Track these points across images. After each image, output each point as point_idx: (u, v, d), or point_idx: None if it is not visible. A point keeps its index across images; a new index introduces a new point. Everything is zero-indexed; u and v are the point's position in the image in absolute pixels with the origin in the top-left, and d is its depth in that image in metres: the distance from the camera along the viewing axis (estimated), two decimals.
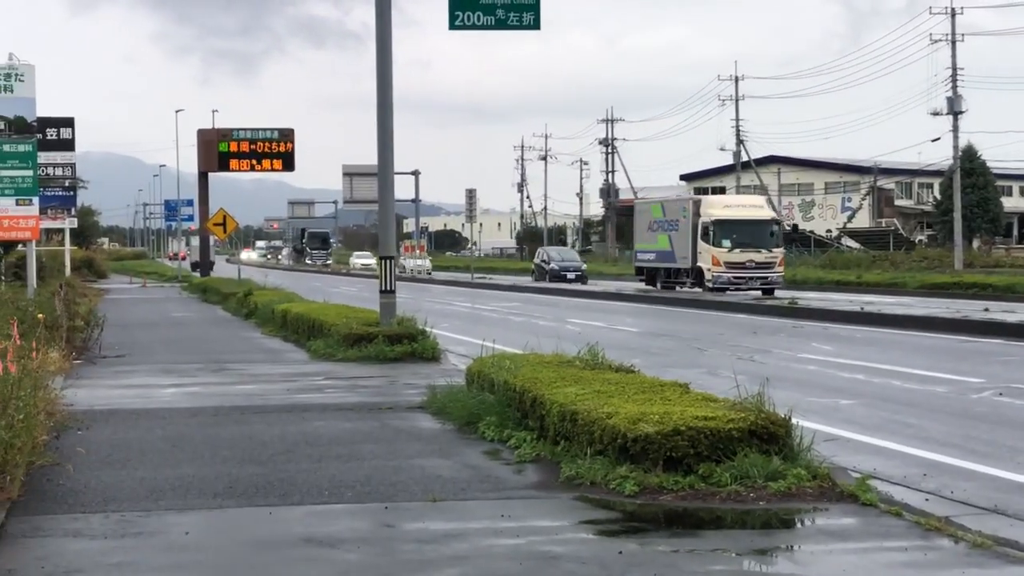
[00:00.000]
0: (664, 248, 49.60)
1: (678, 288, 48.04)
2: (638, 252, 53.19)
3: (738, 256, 45.16)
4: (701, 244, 46.07)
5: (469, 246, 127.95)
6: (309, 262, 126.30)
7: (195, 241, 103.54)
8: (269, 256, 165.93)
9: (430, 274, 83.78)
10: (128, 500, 9.45)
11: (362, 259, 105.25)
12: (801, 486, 9.30)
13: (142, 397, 16.30)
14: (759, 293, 44.00)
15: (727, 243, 45.34)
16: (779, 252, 46.59)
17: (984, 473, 10.62)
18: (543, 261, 69.89)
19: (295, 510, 9.07)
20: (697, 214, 46.67)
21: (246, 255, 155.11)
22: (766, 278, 45.20)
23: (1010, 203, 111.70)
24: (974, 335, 26.72)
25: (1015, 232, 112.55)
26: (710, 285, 45.10)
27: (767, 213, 48.22)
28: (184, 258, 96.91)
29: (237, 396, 16.21)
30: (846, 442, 12.16)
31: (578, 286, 59.62)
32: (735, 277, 45.01)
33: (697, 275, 46.41)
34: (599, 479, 9.60)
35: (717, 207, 47.35)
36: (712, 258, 45.32)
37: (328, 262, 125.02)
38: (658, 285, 50.11)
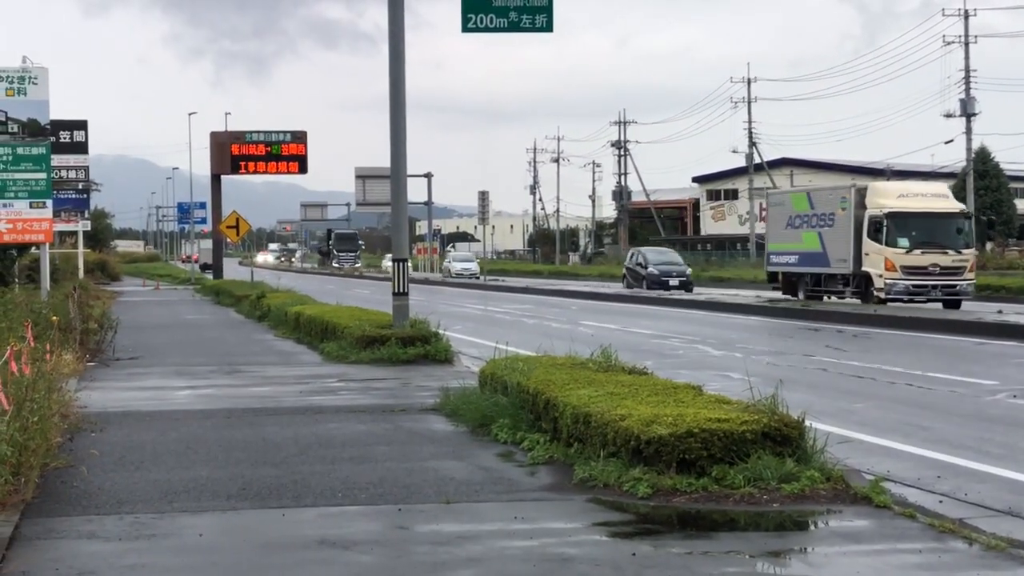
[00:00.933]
0: (811, 248, 40.52)
1: (828, 298, 39.81)
2: (772, 254, 43.86)
3: (919, 259, 36.50)
4: (868, 243, 37.39)
5: (483, 248, 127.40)
6: (336, 265, 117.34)
7: (205, 244, 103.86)
8: (282, 259, 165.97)
9: (477, 277, 78.61)
10: (142, 502, 9.46)
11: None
12: (815, 488, 9.29)
13: (156, 399, 16.33)
14: (940, 306, 35.94)
15: (905, 242, 36.71)
16: (970, 254, 37.53)
17: (998, 475, 10.60)
18: (638, 264, 58.07)
19: (308, 512, 9.08)
20: (862, 205, 38.03)
21: (262, 258, 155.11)
22: (953, 287, 36.49)
23: (1023, 205, 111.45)
24: (988, 337, 26.66)
25: None
26: (882, 295, 36.44)
27: (954, 205, 38.85)
28: (196, 260, 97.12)
29: (250, 398, 16.23)
30: (860, 444, 12.14)
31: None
32: (915, 285, 36.33)
33: (862, 282, 37.77)
34: (612, 481, 9.60)
35: (890, 196, 37.98)
36: (885, 261, 36.63)
37: (358, 264, 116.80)
38: (801, 294, 41.26)
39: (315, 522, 8.72)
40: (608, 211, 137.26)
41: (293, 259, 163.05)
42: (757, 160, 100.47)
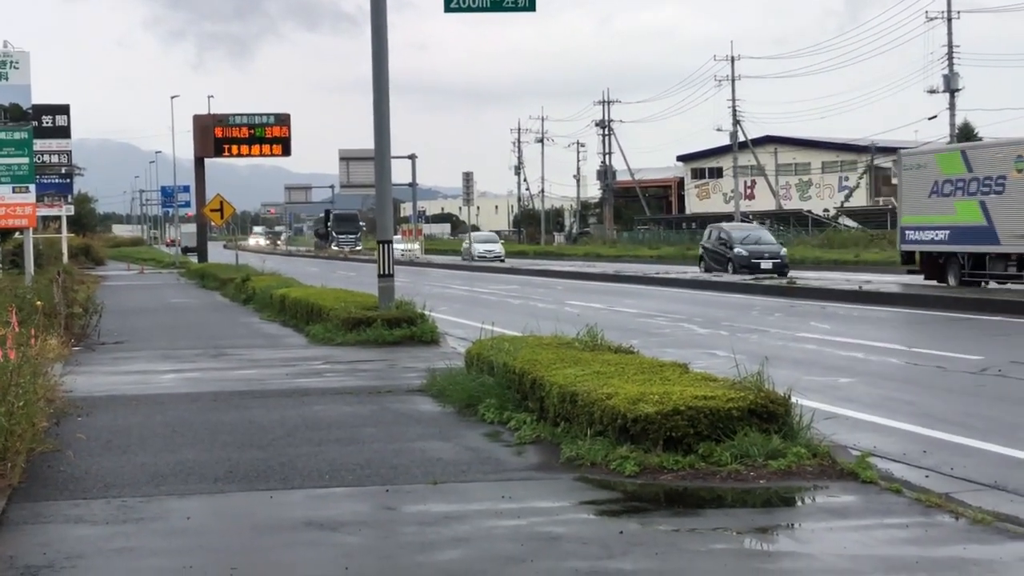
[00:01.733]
0: (969, 221, 32.69)
1: (987, 284, 32.80)
2: (908, 229, 35.62)
3: None
4: None
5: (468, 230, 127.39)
6: (336, 248, 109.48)
7: (187, 227, 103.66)
8: (273, 241, 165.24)
9: (502, 260, 71.36)
10: (129, 486, 9.45)
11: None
12: (801, 464, 9.31)
13: (141, 383, 16.30)
14: None
15: None
16: None
17: (984, 449, 10.64)
18: (720, 242, 50.28)
19: (296, 494, 9.07)
20: None
21: (254, 241, 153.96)
22: None
23: None
24: (973, 312, 26.74)
25: None
26: None
27: None
28: (177, 244, 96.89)
29: (237, 381, 16.21)
30: (845, 420, 12.18)
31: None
32: None
33: None
34: (599, 460, 9.61)
35: None
36: None
37: (358, 247, 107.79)
38: (951, 279, 33.62)
39: (303, 504, 8.72)
40: (593, 191, 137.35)
41: (279, 242, 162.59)
42: (741, 138, 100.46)
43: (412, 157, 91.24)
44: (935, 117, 77.57)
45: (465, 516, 8.23)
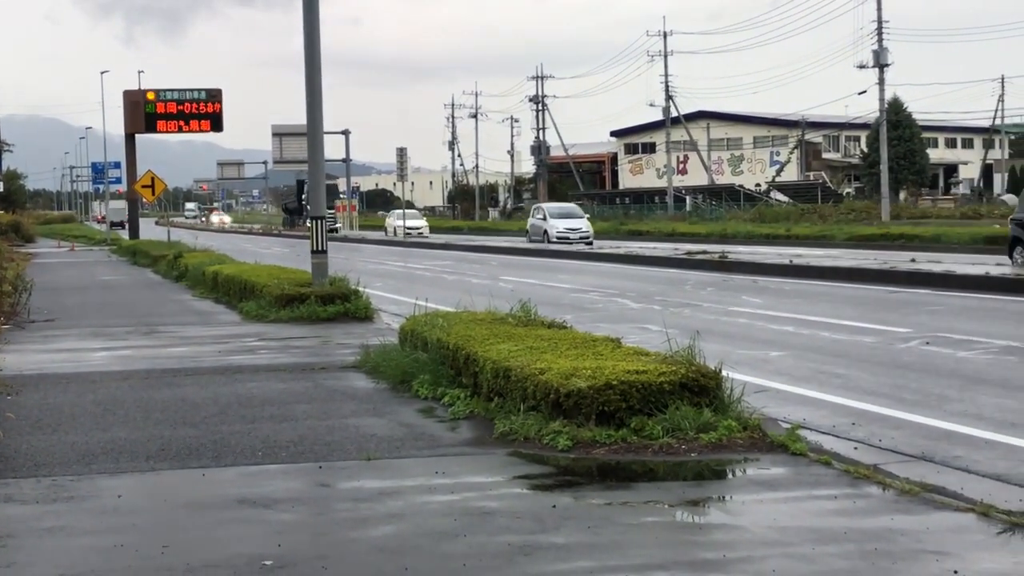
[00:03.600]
0: None
1: None
2: None
3: None
4: None
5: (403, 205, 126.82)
6: (308, 223, 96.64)
7: (115, 203, 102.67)
8: (202, 219, 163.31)
9: (589, 243, 57.17)
10: (60, 464, 9.37)
11: (408, 219, 77.67)
12: (732, 437, 9.39)
13: (72, 361, 16.15)
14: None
15: None
16: None
17: (912, 421, 10.77)
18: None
19: (228, 471, 9.04)
20: None
21: (218, 218, 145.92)
22: None
23: (936, 155, 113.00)
24: (901, 285, 27.03)
25: (941, 183, 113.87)
26: None
27: None
28: (103, 220, 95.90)
29: (169, 359, 16.10)
30: (776, 393, 12.28)
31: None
32: None
33: None
34: (532, 434, 9.64)
35: None
36: None
37: (338, 225, 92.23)
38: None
39: (236, 481, 8.69)
40: (527, 166, 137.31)
41: (224, 219, 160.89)
42: (674, 114, 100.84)
43: (345, 132, 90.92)
44: (865, 92, 78.30)
45: (399, 492, 8.23)
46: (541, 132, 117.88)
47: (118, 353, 17.00)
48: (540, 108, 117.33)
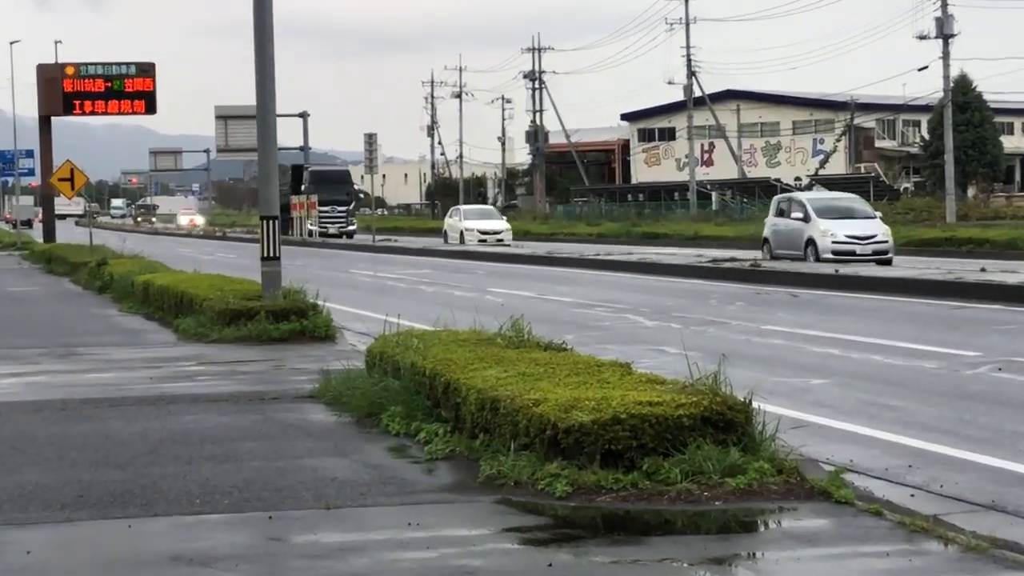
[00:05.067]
0: None
1: None
2: None
3: None
4: None
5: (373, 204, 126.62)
6: (313, 227, 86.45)
7: (25, 199, 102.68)
8: (140, 220, 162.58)
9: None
10: None
11: (483, 220, 70.72)
12: (764, 482, 9.39)
13: None
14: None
15: None
16: None
17: (980, 463, 10.78)
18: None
19: (160, 522, 9.03)
20: None
21: (185, 219, 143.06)
22: None
23: (1011, 143, 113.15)
24: (969, 300, 27.05)
25: (1017, 177, 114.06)
26: None
27: None
28: (10, 220, 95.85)
29: (89, 387, 16.07)
30: (817, 429, 12.28)
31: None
32: None
33: None
34: (525, 478, 9.64)
35: None
36: None
37: (351, 227, 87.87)
38: None
39: (168, 534, 8.68)
40: (521, 156, 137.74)
41: (153, 219, 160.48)
42: (698, 93, 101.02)
43: (303, 115, 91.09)
44: (926, 68, 78.30)
45: (364, 547, 8.23)
46: (538, 115, 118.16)
47: (29, 380, 16.98)
48: (537, 86, 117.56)
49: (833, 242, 40.02)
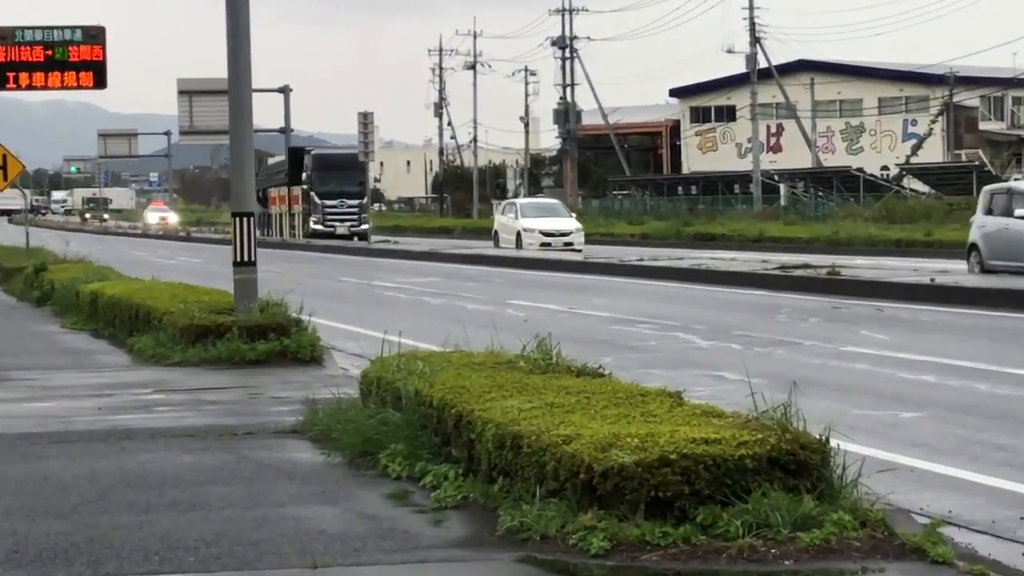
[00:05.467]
0: None
1: None
2: None
3: None
4: None
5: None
6: (320, 225, 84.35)
7: None
8: (90, 216, 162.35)
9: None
10: None
11: (536, 220, 65.16)
12: (844, 537, 9.37)
13: None
14: None
15: None
16: None
17: None
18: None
19: None
20: None
21: (155, 216, 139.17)
22: None
23: None
24: None
25: None
26: None
27: None
28: None
29: (26, 419, 16.12)
30: (909, 473, 12.27)
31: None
32: None
33: None
34: (553, 532, 9.63)
35: None
36: None
37: (365, 226, 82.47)
38: None
39: None
40: (548, 140, 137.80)
41: (106, 216, 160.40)
42: (763, 64, 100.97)
43: (285, 90, 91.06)
44: None
45: None
46: (569, 91, 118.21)
47: None
48: (568, 56, 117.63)
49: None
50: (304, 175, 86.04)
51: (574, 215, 69.19)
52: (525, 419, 10.84)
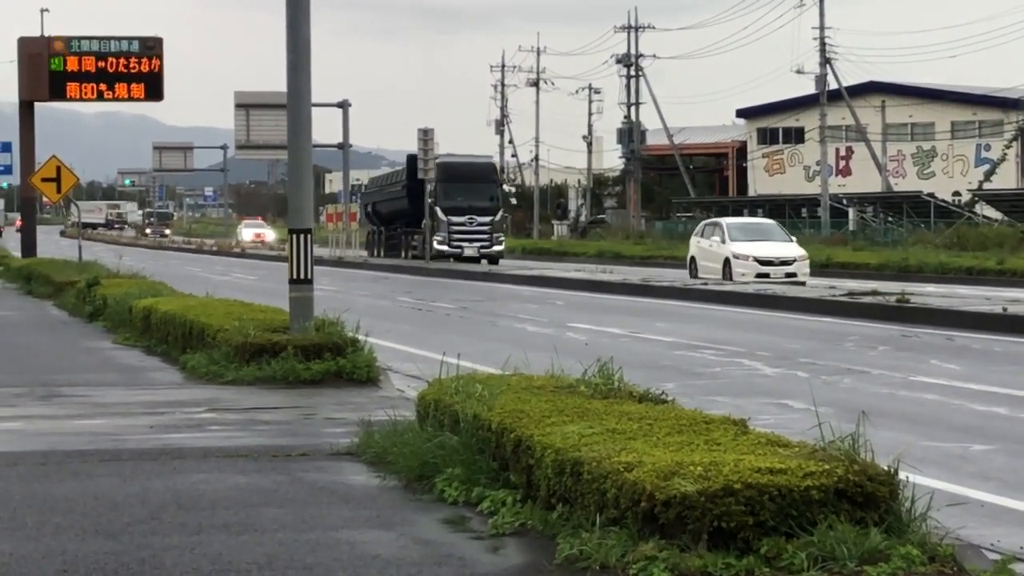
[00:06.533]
0: None
1: None
2: None
3: None
4: None
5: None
6: (443, 246, 75.73)
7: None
8: (150, 232, 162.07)
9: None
10: None
11: (749, 244, 54.20)
12: (912, 571, 9.32)
13: None
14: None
15: None
16: None
17: None
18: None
19: None
20: None
21: (248, 232, 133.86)
22: None
23: None
24: None
25: None
26: None
27: None
28: None
29: (77, 436, 16.17)
30: (980, 507, 12.21)
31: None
32: None
33: None
34: (613, 561, 9.62)
35: None
36: None
37: (498, 247, 77.36)
38: None
39: None
40: (611, 159, 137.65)
41: (167, 230, 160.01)
42: (833, 85, 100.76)
43: (344, 105, 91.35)
44: None
45: None
46: (633, 109, 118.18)
47: (2, 427, 17.09)
48: (633, 74, 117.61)
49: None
50: (428, 187, 76.15)
51: (794, 239, 58.36)
52: (586, 445, 10.82)
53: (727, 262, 52.69)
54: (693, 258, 56.57)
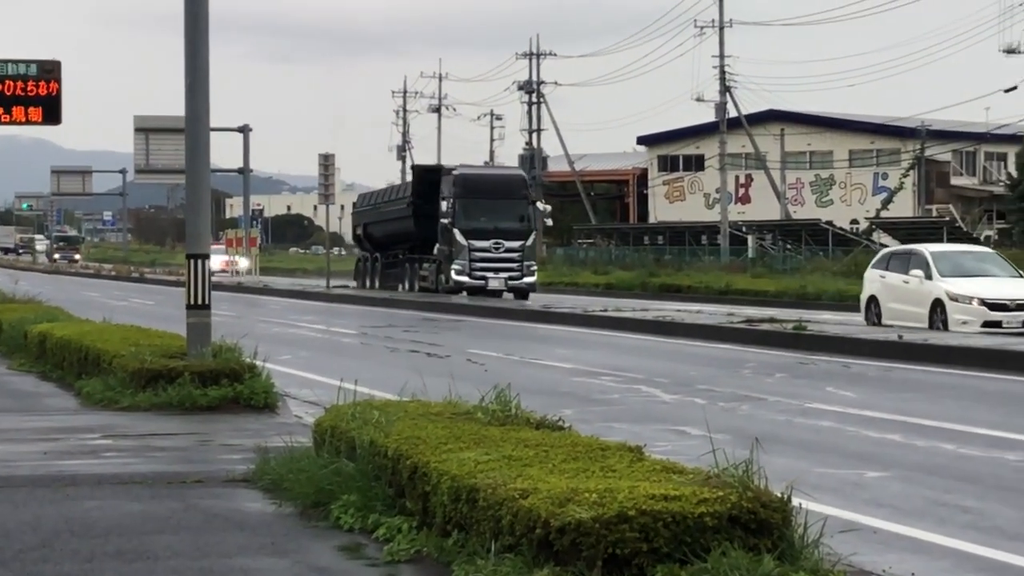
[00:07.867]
0: None
1: None
2: None
3: None
4: None
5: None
6: (463, 276, 61.78)
7: None
8: (58, 257, 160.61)
9: None
10: None
11: (967, 282, 39.96)
12: None
13: None
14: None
15: None
16: None
17: None
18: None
19: None
20: None
21: (220, 258, 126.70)
22: None
23: None
24: None
25: None
26: None
27: None
28: None
29: None
30: (873, 534, 12.29)
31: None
32: None
33: None
34: None
35: None
36: None
37: (529, 279, 64.10)
38: None
39: None
40: None
41: (77, 256, 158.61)
42: (732, 113, 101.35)
43: (244, 130, 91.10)
44: (1014, 88, 78.69)
45: None
46: (535, 136, 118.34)
47: None
48: (534, 100, 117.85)
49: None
50: (444, 205, 62.69)
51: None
52: (482, 472, 10.83)
53: (938, 306, 38.61)
54: (874, 298, 42.19)
